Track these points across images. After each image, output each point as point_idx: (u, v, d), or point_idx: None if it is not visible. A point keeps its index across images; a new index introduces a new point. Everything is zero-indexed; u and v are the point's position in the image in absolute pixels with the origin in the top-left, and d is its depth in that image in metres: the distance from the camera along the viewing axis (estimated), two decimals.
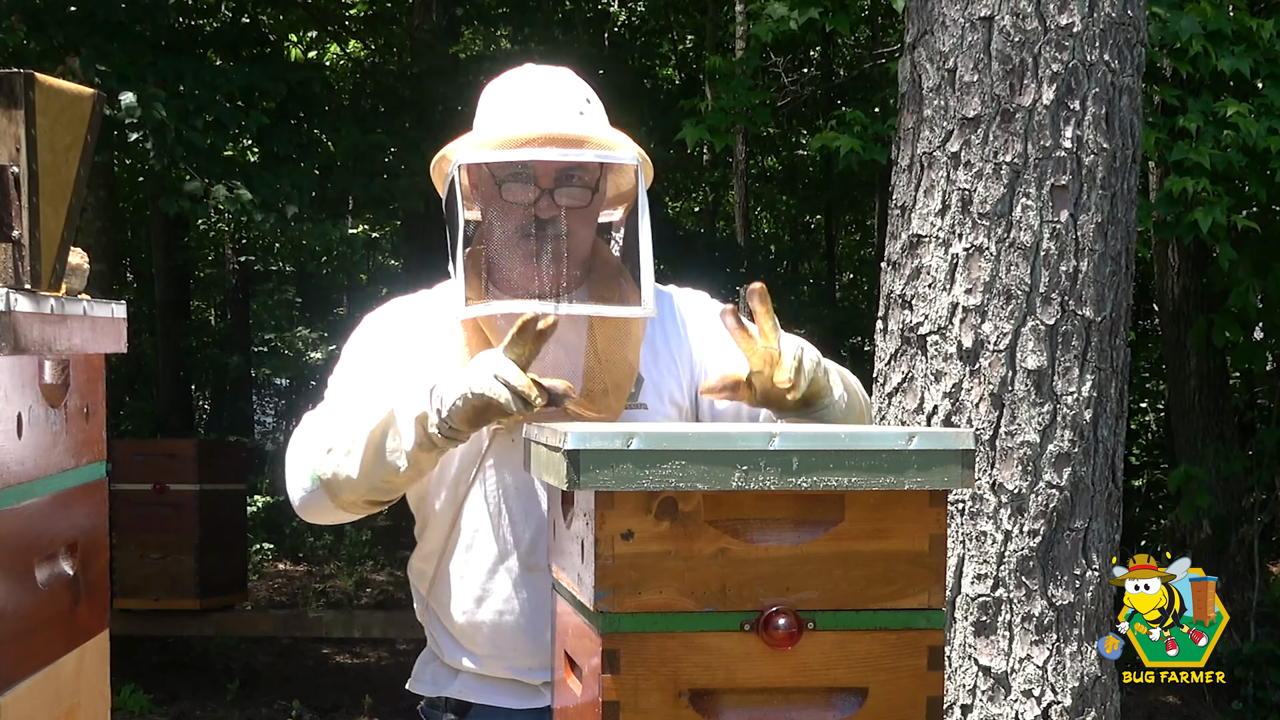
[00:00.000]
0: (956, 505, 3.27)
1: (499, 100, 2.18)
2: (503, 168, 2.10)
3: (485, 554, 2.15)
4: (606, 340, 2.12)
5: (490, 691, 2.19)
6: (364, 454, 2.03)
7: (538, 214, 2.08)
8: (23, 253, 1.59)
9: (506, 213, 2.12)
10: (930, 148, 3.35)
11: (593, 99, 2.19)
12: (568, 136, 2.06)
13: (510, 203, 2.11)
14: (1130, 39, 3.32)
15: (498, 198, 2.12)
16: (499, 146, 2.07)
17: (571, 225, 2.10)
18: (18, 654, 1.58)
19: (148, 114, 6.82)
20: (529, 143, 2.05)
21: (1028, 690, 3.24)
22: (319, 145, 8.84)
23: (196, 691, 7.36)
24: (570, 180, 2.10)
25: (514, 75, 2.21)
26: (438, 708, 2.24)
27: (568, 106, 2.13)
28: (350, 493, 2.07)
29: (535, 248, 2.08)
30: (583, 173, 2.11)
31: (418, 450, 1.99)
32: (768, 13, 6.46)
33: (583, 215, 2.13)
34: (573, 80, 2.20)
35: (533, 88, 2.16)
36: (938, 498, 1.62)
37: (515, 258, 2.12)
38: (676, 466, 1.56)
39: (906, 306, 3.37)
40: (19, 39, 7.05)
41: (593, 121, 2.14)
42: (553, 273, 2.08)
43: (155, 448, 7.61)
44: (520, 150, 2.05)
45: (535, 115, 2.10)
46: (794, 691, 1.61)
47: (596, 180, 2.14)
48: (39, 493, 1.65)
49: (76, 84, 1.70)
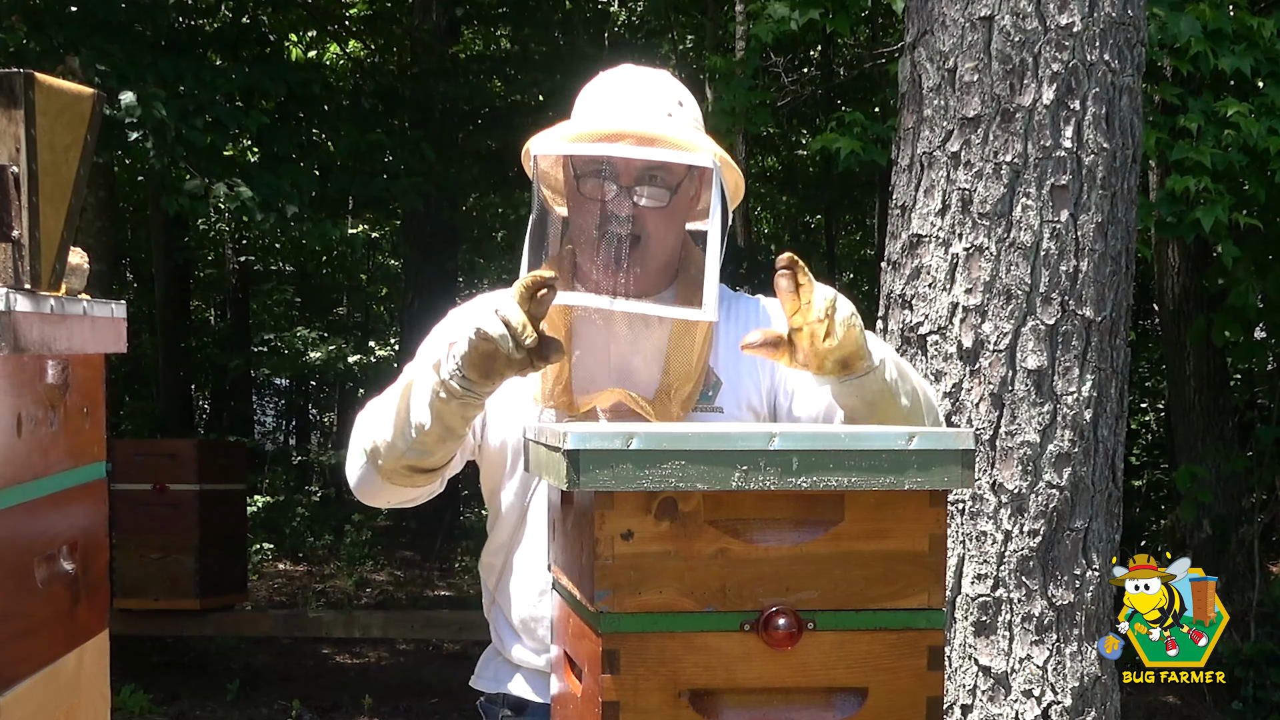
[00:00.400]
0: (956, 505, 3.27)
1: (593, 97, 2.18)
2: (582, 162, 2.09)
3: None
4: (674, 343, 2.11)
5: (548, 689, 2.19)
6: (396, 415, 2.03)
7: (611, 210, 2.07)
8: (23, 253, 1.59)
9: (583, 207, 2.11)
10: (930, 147, 3.35)
11: (686, 101, 2.17)
12: (642, 134, 2.04)
13: (587, 198, 2.10)
14: (1130, 39, 3.32)
15: (576, 192, 2.12)
16: (575, 139, 2.07)
17: (648, 225, 2.09)
18: (18, 654, 1.58)
19: (148, 114, 6.82)
20: (604, 138, 2.04)
21: (1028, 690, 3.24)
22: (319, 145, 8.85)
23: (196, 691, 7.36)
24: (651, 180, 2.09)
25: (611, 74, 2.21)
26: (496, 704, 2.25)
27: (656, 107, 2.12)
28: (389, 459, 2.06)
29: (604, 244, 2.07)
30: (664, 173, 2.09)
31: (437, 401, 1.97)
32: (768, 13, 6.46)
33: (661, 216, 2.11)
34: (667, 81, 2.18)
35: (625, 87, 2.15)
36: (938, 498, 1.62)
37: (586, 253, 2.12)
38: (676, 466, 1.56)
39: (906, 306, 3.37)
40: (19, 39, 7.05)
41: (680, 124, 2.12)
42: (617, 270, 2.07)
43: (155, 448, 7.61)
44: (593, 145, 2.05)
45: (620, 112, 2.10)
46: (794, 691, 1.61)
47: (678, 182, 2.11)
48: (39, 493, 1.65)
49: (76, 84, 1.70)
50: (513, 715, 2.22)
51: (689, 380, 2.11)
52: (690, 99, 2.19)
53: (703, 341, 2.12)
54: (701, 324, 2.10)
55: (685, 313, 2.06)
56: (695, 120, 2.17)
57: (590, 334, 2.13)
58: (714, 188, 2.07)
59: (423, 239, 11.54)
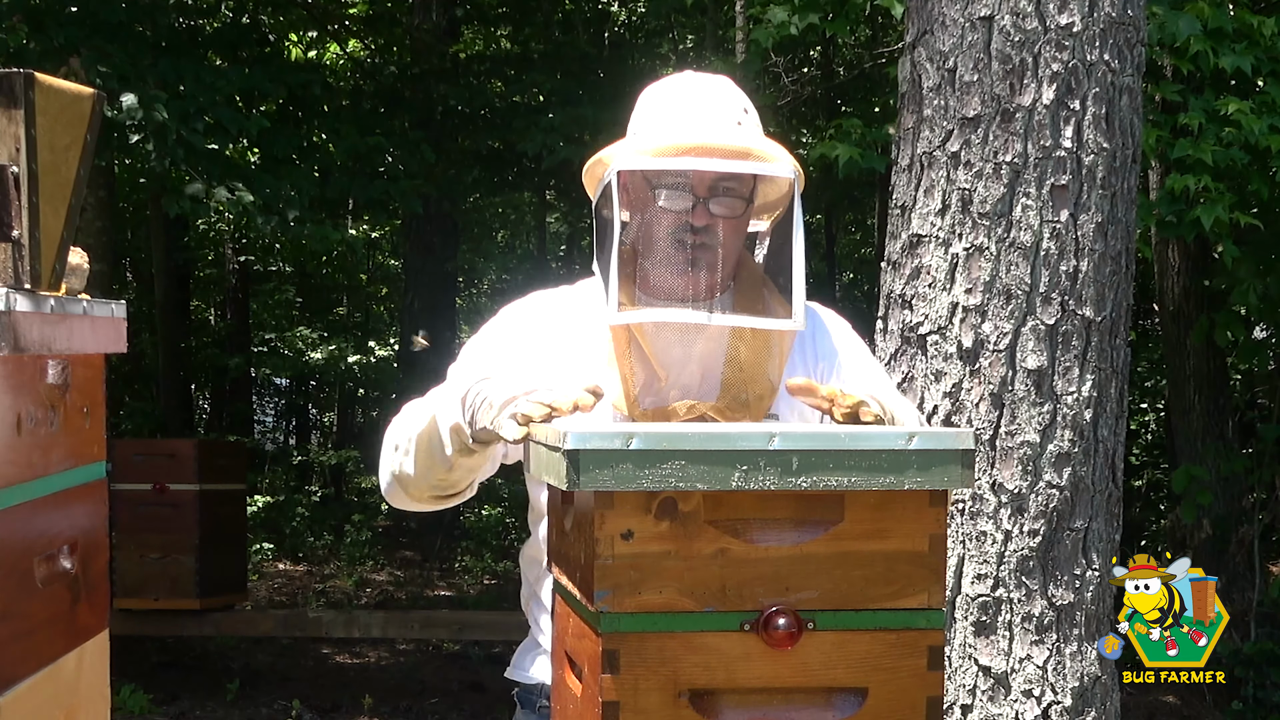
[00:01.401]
0: (956, 505, 3.27)
1: (658, 107, 2.18)
2: (660, 175, 2.10)
3: None
4: (752, 352, 2.13)
5: None
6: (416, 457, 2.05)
7: (692, 222, 2.10)
8: (23, 253, 1.59)
9: (661, 220, 2.12)
10: (930, 147, 3.35)
11: (750, 109, 2.19)
12: (730, 148, 2.06)
13: (666, 210, 2.12)
14: (1130, 39, 3.32)
15: (653, 204, 2.13)
16: (659, 154, 2.08)
17: (722, 234, 2.11)
18: (18, 654, 1.57)
19: (148, 116, 6.82)
20: (690, 151, 2.05)
21: (1028, 690, 3.24)
22: (319, 147, 8.85)
23: (196, 691, 7.36)
24: (725, 191, 2.11)
25: (672, 83, 2.22)
26: (534, 694, 2.27)
27: (726, 116, 2.13)
28: (416, 489, 2.09)
29: (689, 256, 2.09)
30: (738, 183, 2.12)
31: (458, 456, 1.99)
32: (768, 18, 6.47)
33: (733, 225, 2.13)
34: (731, 90, 2.20)
35: (692, 96, 2.16)
36: (938, 498, 1.62)
37: (667, 265, 2.13)
38: (676, 466, 1.56)
39: (906, 306, 3.37)
40: (20, 39, 7.05)
41: (749, 132, 2.14)
42: (707, 282, 2.10)
43: (155, 448, 7.61)
44: (681, 159, 2.06)
45: (695, 124, 2.11)
46: (794, 691, 1.61)
47: (750, 191, 2.14)
48: (39, 493, 1.65)
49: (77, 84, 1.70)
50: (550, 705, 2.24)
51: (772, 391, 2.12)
52: (752, 106, 2.20)
53: (786, 351, 2.14)
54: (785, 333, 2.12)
55: (778, 323, 2.08)
56: (759, 126, 2.19)
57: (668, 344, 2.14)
58: (796, 197, 2.09)
59: (423, 239, 11.54)
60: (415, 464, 2.05)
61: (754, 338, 2.13)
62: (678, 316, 2.05)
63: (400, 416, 2.13)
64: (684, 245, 2.10)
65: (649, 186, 2.13)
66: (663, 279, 2.14)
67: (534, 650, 2.29)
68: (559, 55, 11.01)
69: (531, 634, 2.30)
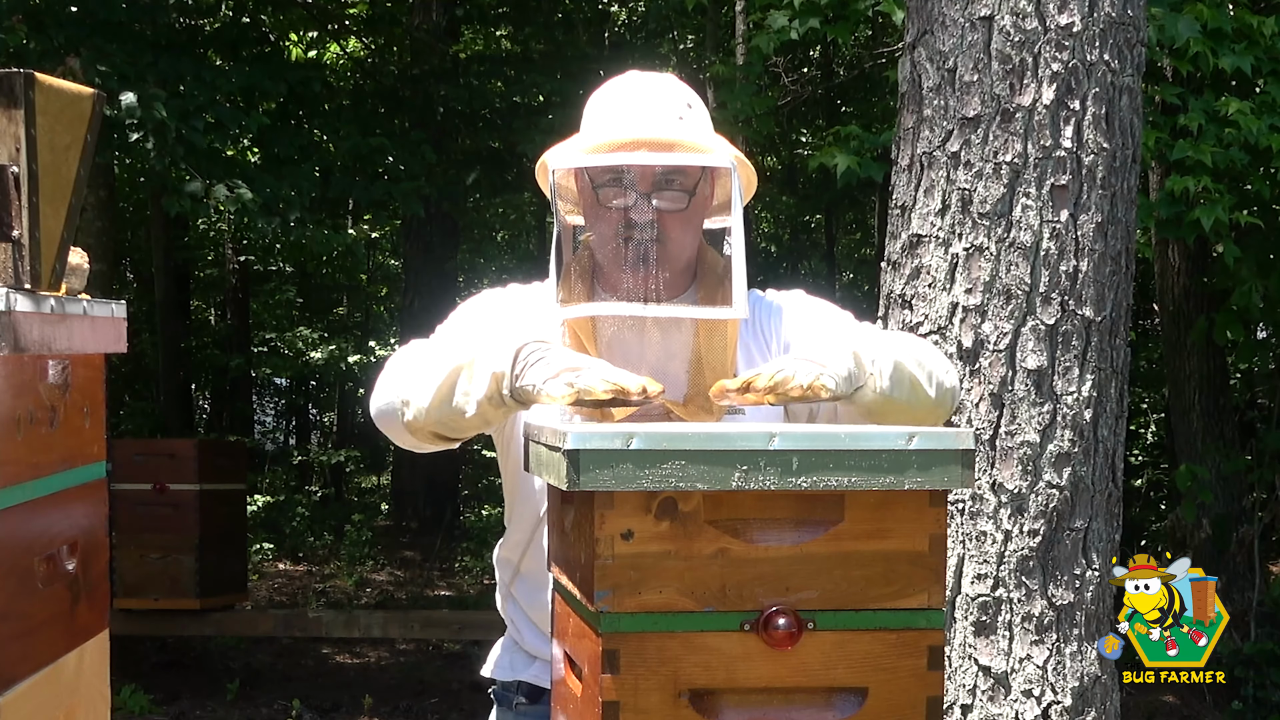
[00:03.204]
0: (956, 505, 3.27)
1: (602, 106, 2.19)
2: (599, 172, 2.11)
3: None
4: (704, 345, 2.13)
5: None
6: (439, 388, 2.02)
7: (633, 218, 2.10)
8: (23, 253, 1.59)
9: (603, 216, 2.13)
10: (930, 147, 3.35)
11: (695, 104, 2.19)
12: (658, 140, 2.07)
13: (607, 206, 2.13)
14: (1130, 39, 3.32)
15: (595, 202, 2.14)
16: (592, 151, 2.09)
17: (668, 229, 2.11)
18: (18, 654, 1.57)
19: (148, 114, 6.82)
20: (621, 147, 2.06)
21: (1028, 690, 3.24)
22: (320, 147, 8.84)
23: (196, 691, 7.36)
24: (669, 184, 2.11)
25: (617, 81, 2.22)
26: (511, 691, 2.28)
27: (667, 111, 2.14)
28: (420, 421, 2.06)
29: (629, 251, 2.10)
30: (681, 176, 2.11)
31: (487, 403, 1.97)
32: (768, 23, 6.47)
33: (680, 219, 2.13)
34: (674, 85, 2.20)
35: (634, 93, 2.17)
36: (938, 498, 1.62)
37: (611, 260, 2.14)
38: (676, 466, 1.56)
39: (906, 306, 3.37)
40: (19, 39, 7.05)
41: (692, 126, 2.15)
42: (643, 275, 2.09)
43: (155, 448, 7.61)
44: (611, 155, 2.06)
45: (632, 120, 2.11)
46: (794, 691, 1.61)
47: (695, 184, 2.13)
48: (39, 493, 1.65)
49: (76, 84, 1.70)
50: (527, 703, 2.26)
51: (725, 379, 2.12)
52: (698, 100, 2.21)
53: (733, 340, 2.14)
54: (731, 322, 2.12)
55: (718, 312, 2.08)
56: (705, 121, 2.19)
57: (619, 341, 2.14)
58: (734, 187, 2.09)
59: (423, 239, 11.54)
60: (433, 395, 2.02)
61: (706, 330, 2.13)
62: (615, 309, 2.06)
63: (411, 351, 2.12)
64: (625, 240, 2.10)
65: (592, 184, 2.14)
66: (609, 275, 2.15)
67: (510, 648, 2.31)
68: (559, 55, 11.02)
69: (508, 632, 2.32)
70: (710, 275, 2.20)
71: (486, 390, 1.96)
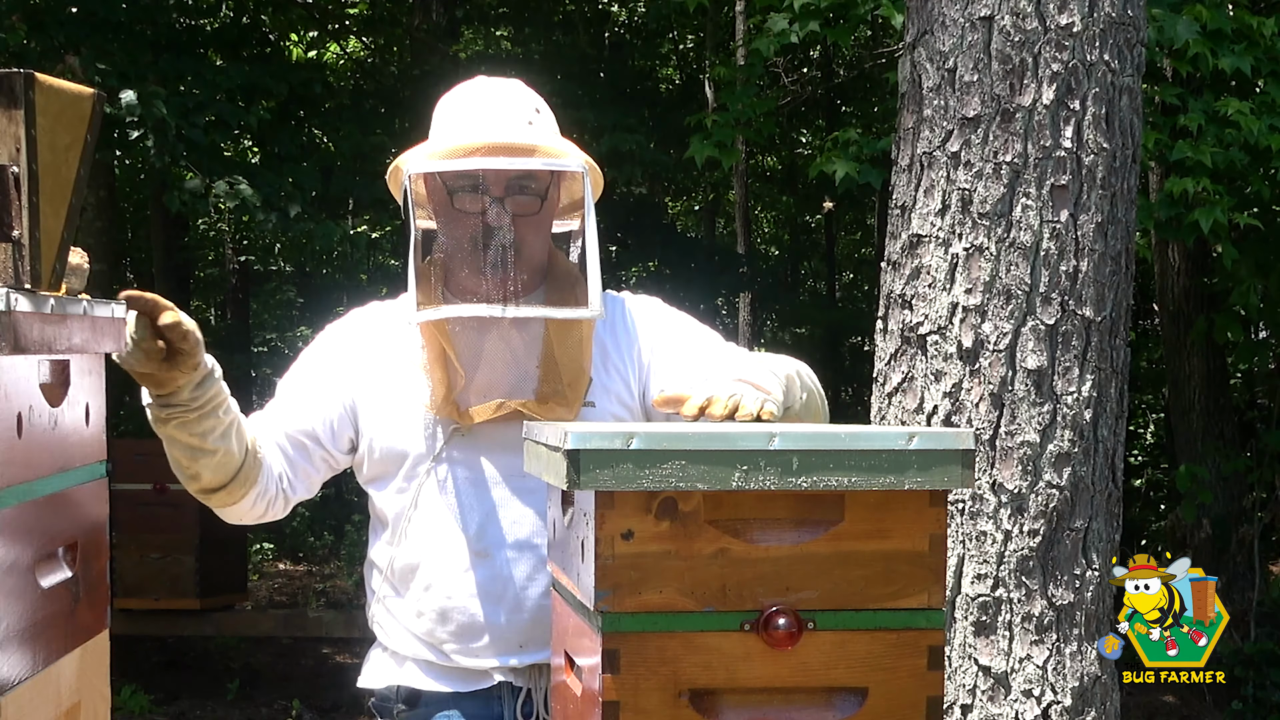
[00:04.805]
0: (956, 505, 3.27)
1: (451, 111, 2.25)
2: (454, 177, 2.16)
3: (437, 541, 2.21)
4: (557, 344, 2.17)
5: (439, 677, 2.25)
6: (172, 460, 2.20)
7: (488, 222, 2.15)
8: (23, 253, 1.59)
9: (458, 221, 2.19)
10: (930, 147, 3.35)
11: (542, 109, 2.25)
12: (515, 145, 2.12)
13: (461, 211, 2.18)
14: (1130, 39, 3.32)
15: (449, 206, 2.19)
16: (448, 156, 2.14)
17: (521, 232, 2.17)
18: (18, 654, 1.57)
19: (148, 112, 6.82)
20: (477, 151, 2.11)
21: (1028, 690, 3.24)
22: (320, 145, 8.84)
23: (196, 691, 7.36)
24: (521, 189, 2.17)
25: (465, 87, 2.28)
26: (389, 699, 2.29)
27: (516, 116, 2.19)
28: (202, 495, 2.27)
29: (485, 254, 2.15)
30: (533, 181, 2.17)
31: (161, 429, 2.13)
32: (769, 26, 6.48)
33: (533, 222, 2.19)
34: (522, 91, 2.26)
35: (483, 98, 2.23)
36: (938, 498, 1.62)
37: (466, 265, 2.18)
38: (676, 466, 1.56)
39: (906, 306, 3.37)
40: (19, 39, 7.04)
41: (541, 131, 2.20)
42: (500, 278, 2.14)
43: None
44: (468, 160, 2.12)
45: (484, 125, 2.17)
46: (794, 691, 1.61)
47: (546, 188, 2.20)
48: (39, 493, 1.65)
49: (76, 83, 1.70)
50: (407, 709, 2.27)
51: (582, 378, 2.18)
52: (545, 106, 2.27)
53: (588, 338, 2.20)
54: (585, 322, 2.18)
55: (575, 312, 2.14)
56: (553, 126, 2.25)
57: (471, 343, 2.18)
58: (586, 191, 2.16)
59: None
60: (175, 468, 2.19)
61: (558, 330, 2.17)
62: (471, 311, 2.11)
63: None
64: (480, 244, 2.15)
65: (446, 189, 2.18)
66: (461, 279, 2.20)
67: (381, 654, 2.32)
68: (559, 55, 11.01)
69: (377, 640, 2.33)
70: (560, 276, 2.25)
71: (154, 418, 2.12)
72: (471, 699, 2.22)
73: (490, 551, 2.18)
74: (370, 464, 2.27)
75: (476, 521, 2.19)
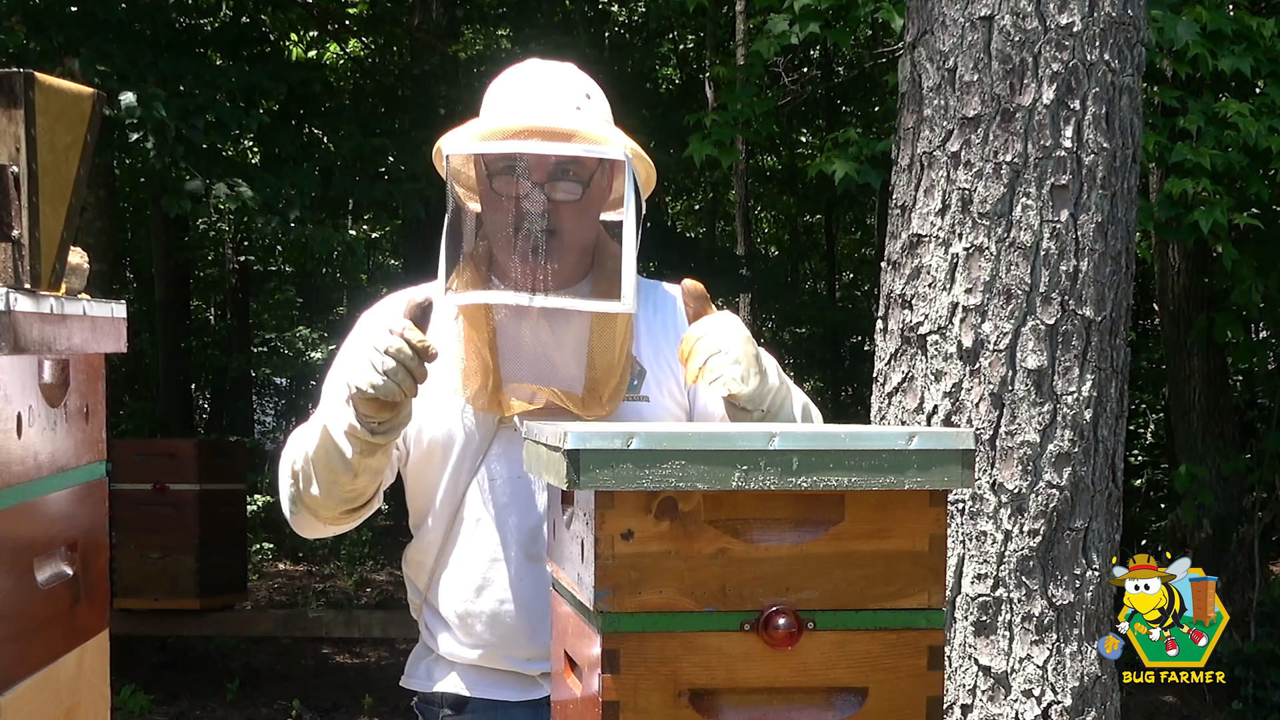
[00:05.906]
0: (956, 505, 3.27)
1: (500, 92, 2.16)
2: (492, 159, 2.08)
3: (486, 544, 2.15)
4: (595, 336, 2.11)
5: (487, 684, 2.18)
6: (318, 474, 2.05)
7: (525, 207, 2.07)
8: (23, 253, 1.59)
9: (497, 205, 2.10)
10: (930, 147, 3.35)
11: (594, 94, 2.16)
12: (554, 129, 2.03)
13: (499, 194, 2.10)
14: (1130, 39, 3.32)
15: (489, 189, 2.11)
16: (485, 138, 2.05)
17: (562, 219, 2.09)
18: (18, 654, 1.57)
19: (148, 113, 6.82)
20: (515, 135, 2.03)
21: (1028, 690, 3.24)
22: (320, 146, 8.84)
23: (196, 691, 7.36)
24: (564, 175, 2.08)
25: (517, 68, 2.19)
26: (433, 703, 2.23)
27: (565, 100, 2.10)
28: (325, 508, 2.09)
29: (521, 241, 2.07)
30: (576, 167, 2.08)
31: (360, 458, 2.00)
32: (769, 27, 6.48)
33: (575, 210, 2.10)
34: (574, 74, 2.17)
35: (532, 81, 2.14)
36: (938, 498, 1.62)
37: (501, 249, 2.11)
38: (676, 466, 1.56)
39: (906, 306, 3.37)
40: (19, 39, 7.04)
41: (590, 116, 2.11)
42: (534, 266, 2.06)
43: (155, 448, 7.61)
44: (505, 143, 2.03)
45: (529, 108, 2.08)
46: (794, 691, 1.61)
47: (590, 175, 2.11)
48: (39, 493, 1.65)
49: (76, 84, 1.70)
50: (453, 714, 2.21)
51: (614, 373, 2.10)
52: (598, 91, 2.18)
53: (624, 333, 2.12)
54: (621, 315, 2.10)
55: (604, 305, 2.06)
56: (604, 112, 2.16)
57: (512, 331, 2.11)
58: (627, 180, 2.07)
59: (423, 239, 11.54)
60: (319, 482, 2.05)
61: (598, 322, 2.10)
62: (500, 298, 2.04)
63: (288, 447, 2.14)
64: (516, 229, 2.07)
65: (486, 172, 2.10)
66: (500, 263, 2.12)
67: (426, 657, 2.26)
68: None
69: (423, 640, 2.27)
70: (605, 267, 2.16)
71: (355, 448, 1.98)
72: (520, 708, 2.16)
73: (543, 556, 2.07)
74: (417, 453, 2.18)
75: (530, 525, 2.12)
